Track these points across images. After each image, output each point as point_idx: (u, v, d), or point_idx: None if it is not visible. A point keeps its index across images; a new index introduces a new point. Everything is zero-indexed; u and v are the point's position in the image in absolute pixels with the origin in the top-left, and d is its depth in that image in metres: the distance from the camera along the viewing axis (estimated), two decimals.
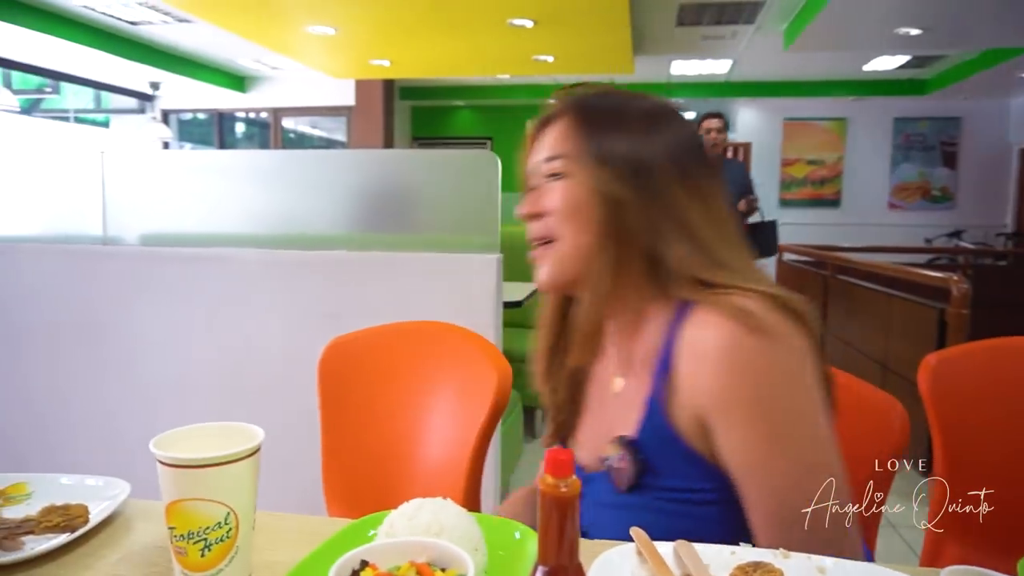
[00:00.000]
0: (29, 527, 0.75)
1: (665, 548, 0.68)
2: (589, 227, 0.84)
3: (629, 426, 0.82)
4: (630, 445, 0.80)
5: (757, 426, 0.73)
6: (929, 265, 5.84)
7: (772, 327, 0.73)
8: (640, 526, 0.72)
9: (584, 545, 0.71)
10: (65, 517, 0.76)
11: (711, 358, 0.74)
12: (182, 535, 0.64)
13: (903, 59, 6.71)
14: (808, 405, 0.74)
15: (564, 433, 0.96)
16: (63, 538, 0.74)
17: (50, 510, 0.78)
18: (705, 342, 0.75)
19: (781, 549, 0.68)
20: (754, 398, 0.73)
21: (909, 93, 7.90)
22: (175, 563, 0.66)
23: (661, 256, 0.81)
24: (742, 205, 3.84)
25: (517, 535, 0.73)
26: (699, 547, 0.68)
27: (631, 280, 0.84)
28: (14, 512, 0.80)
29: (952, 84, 7.18)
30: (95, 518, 0.78)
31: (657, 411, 0.79)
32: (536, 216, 0.87)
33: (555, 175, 0.86)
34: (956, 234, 8.01)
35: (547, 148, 0.87)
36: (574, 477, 0.47)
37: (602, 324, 0.87)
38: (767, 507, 0.73)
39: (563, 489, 0.46)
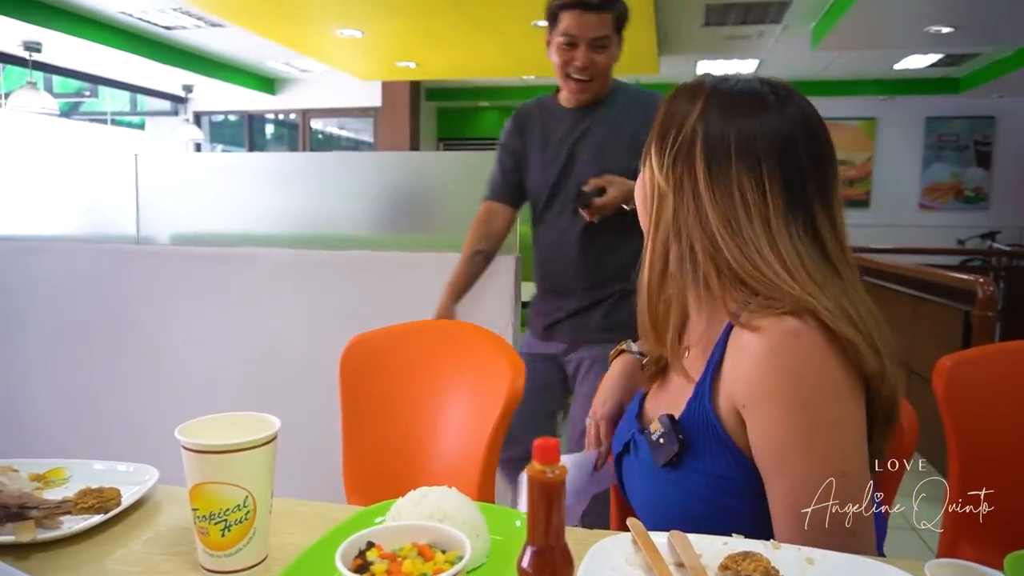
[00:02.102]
0: (67, 508, 0.80)
1: (660, 539, 0.71)
2: (645, 214, 0.87)
3: (679, 405, 0.85)
4: (673, 424, 0.82)
5: (787, 423, 0.74)
6: (962, 267, 5.72)
7: (815, 339, 0.74)
8: (669, 503, 0.74)
9: (582, 534, 0.75)
10: (99, 499, 0.82)
11: (755, 356, 0.76)
12: (204, 516, 0.69)
13: (935, 57, 6.58)
14: (841, 413, 0.75)
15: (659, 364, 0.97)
16: (97, 519, 0.79)
17: (86, 493, 0.83)
18: (752, 343, 0.77)
19: (772, 540, 0.70)
20: (789, 395, 0.74)
21: (941, 92, 7.74)
22: (198, 542, 0.71)
23: (707, 255, 0.81)
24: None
25: (518, 523, 0.76)
26: (692, 538, 0.70)
27: (681, 275, 0.85)
28: (53, 494, 0.86)
29: (986, 82, 7.01)
30: (126, 501, 0.84)
31: (703, 396, 0.81)
32: None
33: None
34: (990, 235, 7.82)
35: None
36: (560, 464, 0.50)
37: (657, 312, 0.87)
38: (787, 503, 0.74)
39: (549, 475, 0.50)
